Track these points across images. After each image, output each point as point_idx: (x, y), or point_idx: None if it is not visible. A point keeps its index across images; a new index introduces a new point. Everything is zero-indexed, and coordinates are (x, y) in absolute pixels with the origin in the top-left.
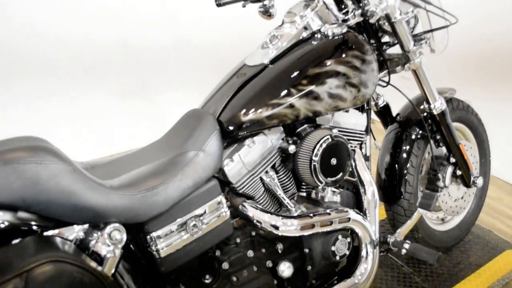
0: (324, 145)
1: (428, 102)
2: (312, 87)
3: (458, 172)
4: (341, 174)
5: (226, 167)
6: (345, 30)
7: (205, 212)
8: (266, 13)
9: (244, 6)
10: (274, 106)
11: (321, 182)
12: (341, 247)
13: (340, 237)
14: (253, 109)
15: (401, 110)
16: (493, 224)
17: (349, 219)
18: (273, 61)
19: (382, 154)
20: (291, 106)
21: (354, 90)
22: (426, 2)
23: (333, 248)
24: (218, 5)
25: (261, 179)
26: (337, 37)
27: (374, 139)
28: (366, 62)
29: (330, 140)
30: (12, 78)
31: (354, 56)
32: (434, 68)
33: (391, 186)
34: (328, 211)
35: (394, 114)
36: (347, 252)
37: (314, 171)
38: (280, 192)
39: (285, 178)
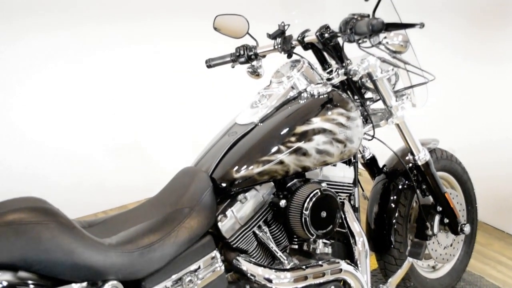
0: (314, 199)
1: (412, 154)
2: (300, 144)
3: (446, 220)
4: (331, 226)
5: (220, 223)
6: (329, 89)
7: (200, 267)
8: (255, 73)
9: (233, 67)
10: (264, 163)
11: (312, 235)
12: None
13: None
14: (244, 166)
15: (387, 161)
16: (484, 270)
17: (341, 270)
18: (263, 120)
19: (370, 205)
20: (281, 162)
21: (341, 145)
22: (405, 62)
23: None
24: (209, 66)
25: (254, 233)
26: (322, 96)
27: (363, 190)
28: (350, 119)
29: (319, 194)
30: None
31: (339, 114)
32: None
33: (380, 236)
34: (320, 262)
35: (380, 165)
36: None
37: (305, 224)
38: (272, 245)
39: (277, 231)
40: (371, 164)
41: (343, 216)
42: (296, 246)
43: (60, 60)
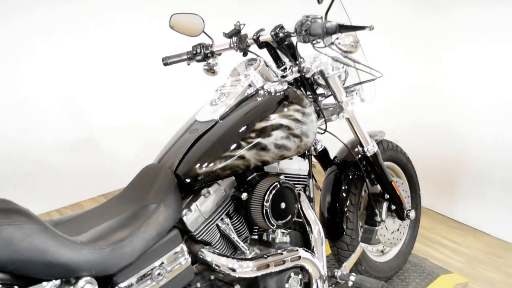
0: (273, 191)
1: (361, 146)
2: (260, 139)
3: (393, 207)
4: (290, 216)
5: (185, 217)
6: (285, 87)
7: (168, 261)
8: (210, 70)
9: (188, 64)
10: (227, 158)
11: (273, 225)
12: (294, 284)
13: (292, 274)
14: (207, 162)
15: (338, 153)
16: (427, 252)
17: (299, 257)
18: (223, 117)
19: (323, 195)
20: (242, 157)
21: (297, 140)
22: (355, 61)
23: (286, 286)
24: (165, 64)
25: (217, 225)
26: (279, 93)
27: (315, 181)
28: (306, 114)
29: (278, 186)
30: None
31: (295, 110)
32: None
33: (334, 224)
34: (280, 251)
35: (332, 157)
36: None
37: (266, 215)
38: (234, 236)
39: (238, 223)
40: (323, 156)
41: (299, 206)
42: (256, 237)
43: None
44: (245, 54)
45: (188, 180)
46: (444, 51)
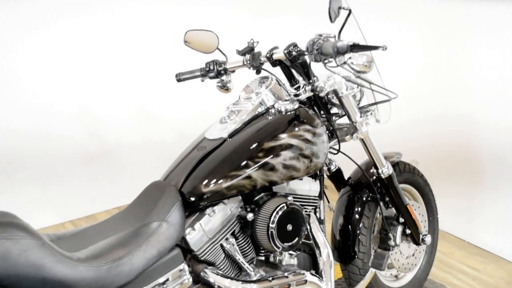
0: (280, 213)
1: (376, 167)
2: (268, 159)
3: (408, 231)
4: (297, 239)
5: (188, 236)
6: (296, 106)
7: (168, 280)
8: (224, 87)
9: (202, 81)
10: (233, 178)
11: (278, 248)
12: None
13: None
14: (213, 181)
15: (352, 174)
16: (445, 278)
17: (306, 281)
18: (232, 135)
19: (336, 216)
20: (249, 177)
21: (307, 160)
22: (369, 82)
23: None
24: (178, 80)
25: (222, 246)
26: (289, 113)
27: (329, 202)
28: (316, 135)
29: (285, 207)
30: None
31: (306, 130)
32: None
33: (345, 247)
34: (286, 274)
35: (346, 178)
36: None
37: (272, 237)
38: (239, 257)
39: (244, 244)
40: (337, 177)
41: (308, 228)
42: (263, 258)
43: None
44: (258, 72)
45: (192, 199)
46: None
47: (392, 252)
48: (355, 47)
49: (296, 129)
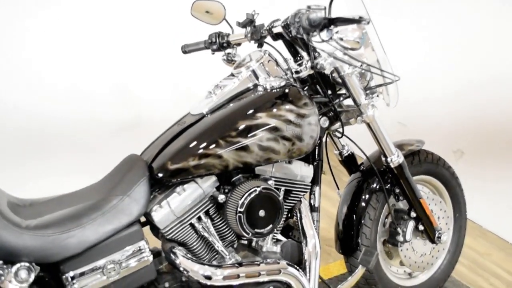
0: (250, 197)
1: (385, 155)
2: (240, 139)
3: (421, 227)
4: (270, 226)
5: (154, 213)
6: (283, 83)
7: (124, 256)
8: (231, 61)
9: (213, 53)
10: (201, 157)
11: (247, 233)
12: None
13: None
14: (181, 158)
15: (365, 159)
16: (475, 281)
17: (279, 271)
18: (212, 111)
19: (341, 204)
20: (219, 157)
21: (288, 143)
22: (359, 61)
23: None
24: (184, 52)
25: (192, 226)
26: (274, 90)
27: (338, 189)
28: (301, 116)
29: (257, 192)
30: None
31: (288, 110)
32: None
33: (347, 238)
34: (257, 261)
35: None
36: None
37: (240, 222)
38: (212, 239)
39: (222, 225)
40: (349, 162)
41: (298, 215)
42: (245, 242)
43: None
44: (260, 46)
45: (160, 175)
46: None
47: (402, 248)
48: (336, 20)
49: (276, 109)
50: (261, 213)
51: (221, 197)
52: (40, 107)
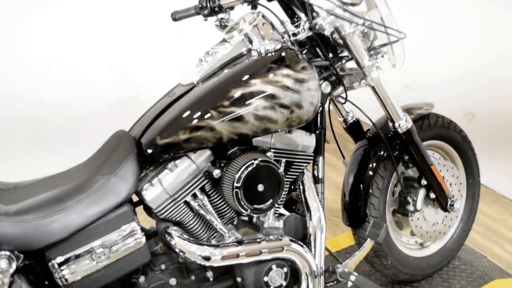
0: (248, 170)
1: (392, 121)
2: (234, 109)
3: (432, 195)
4: (270, 201)
5: (145, 192)
6: (278, 46)
7: (114, 239)
8: (225, 27)
9: (206, 20)
10: (192, 130)
11: (245, 210)
12: (275, 278)
13: (274, 267)
14: (170, 132)
15: (371, 126)
16: (489, 248)
17: (282, 248)
18: (202, 80)
19: (347, 174)
20: (211, 129)
21: (286, 111)
22: (361, 18)
23: (265, 279)
24: (174, 19)
25: (188, 203)
26: (269, 54)
27: (343, 158)
28: (300, 81)
29: (255, 164)
30: None
31: (285, 75)
32: None
33: (355, 209)
34: (258, 239)
35: (365, 131)
36: (284, 283)
37: (237, 197)
38: (210, 217)
39: (219, 202)
40: (355, 129)
41: (301, 187)
42: (246, 218)
43: None
44: (254, 8)
45: (149, 151)
46: None
47: (413, 218)
48: None
49: (272, 74)
50: (260, 187)
51: (217, 172)
52: (34, 89)
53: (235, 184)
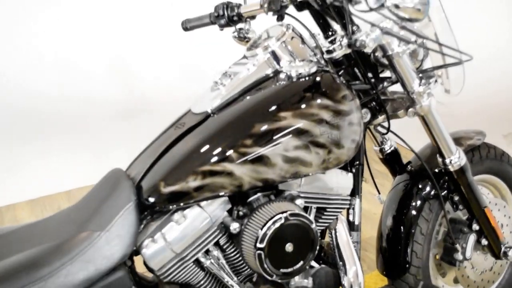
0: (273, 228)
1: (442, 156)
2: (258, 149)
3: (484, 242)
4: (301, 263)
5: (145, 250)
6: (314, 69)
7: None
8: (244, 39)
9: (221, 30)
10: (205, 175)
11: (270, 275)
12: None
13: None
14: (178, 177)
15: (413, 157)
16: None
17: None
18: (219, 109)
19: (385, 214)
20: (229, 174)
21: (322, 151)
22: (421, 36)
23: None
24: (185, 29)
25: (198, 262)
26: (303, 79)
27: (379, 193)
28: (340, 114)
29: (282, 220)
30: None
31: (323, 107)
32: None
33: (393, 257)
34: None
35: (404, 163)
36: None
37: (260, 260)
38: (224, 276)
39: (236, 257)
40: (392, 160)
41: (333, 235)
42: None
43: None
44: (280, 18)
45: (151, 200)
46: None
47: (460, 266)
48: None
49: (308, 104)
50: (289, 247)
51: (235, 226)
52: (36, 85)
53: (258, 245)
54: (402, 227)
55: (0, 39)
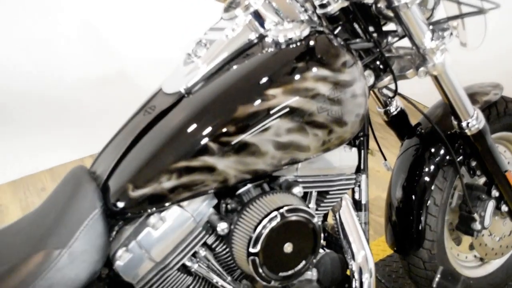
0: (268, 229)
1: (457, 119)
2: (244, 137)
3: (504, 208)
4: (302, 263)
5: (119, 262)
6: (306, 31)
7: None
8: None
9: None
10: (181, 173)
11: (267, 281)
12: None
13: None
14: (147, 179)
15: (422, 118)
16: None
17: None
18: (191, 89)
19: (393, 184)
20: (211, 169)
21: (322, 132)
22: None
23: None
24: None
25: (185, 267)
26: (293, 45)
27: (385, 159)
28: (341, 85)
29: (279, 219)
30: None
31: (319, 79)
32: None
33: (405, 231)
34: None
35: (413, 125)
36: None
37: (254, 266)
38: (216, 277)
39: (227, 255)
40: (399, 123)
41: (337, 218)
42: None
43: None
44: None
45: (120, 205)
46: None
47: (478, 235)
48: None
49: (301, 77)
50: (288, 248)
51: (222, 227)
52: (10, 62)
53: (251, 249)
54: (413, 197)
55: None
